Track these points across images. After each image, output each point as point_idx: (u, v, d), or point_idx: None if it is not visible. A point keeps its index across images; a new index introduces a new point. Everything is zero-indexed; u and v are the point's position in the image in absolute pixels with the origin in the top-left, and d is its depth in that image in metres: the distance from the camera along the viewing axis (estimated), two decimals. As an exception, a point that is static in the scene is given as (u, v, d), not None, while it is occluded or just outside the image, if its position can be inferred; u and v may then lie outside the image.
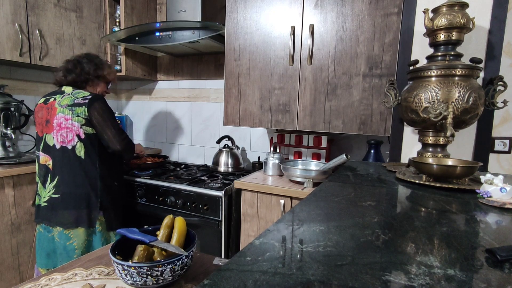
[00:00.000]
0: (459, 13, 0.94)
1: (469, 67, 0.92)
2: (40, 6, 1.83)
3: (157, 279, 0.61)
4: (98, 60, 1.51)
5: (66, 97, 1.38)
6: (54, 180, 1.37)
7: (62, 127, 1.34)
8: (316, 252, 0.45)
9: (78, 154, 1.36)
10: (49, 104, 1.39)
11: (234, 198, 1.68)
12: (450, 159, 0.96)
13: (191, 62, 2.39)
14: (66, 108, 1.35)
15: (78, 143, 1.35)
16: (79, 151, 1.36)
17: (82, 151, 1.36)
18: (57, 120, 1.35)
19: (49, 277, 0.69)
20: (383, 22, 1.37)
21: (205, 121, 2.39)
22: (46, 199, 1.37)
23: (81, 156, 1.36)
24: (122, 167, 1.63)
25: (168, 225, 0.76)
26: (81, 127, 1.35)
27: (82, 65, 1.45)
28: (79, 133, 1.35)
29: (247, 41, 1.68)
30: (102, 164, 1.41)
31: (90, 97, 1.38)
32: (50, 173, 1.37)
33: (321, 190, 0.80)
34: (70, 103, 1.36)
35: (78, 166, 1.36)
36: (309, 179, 1.50)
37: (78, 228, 1.35)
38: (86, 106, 1.35)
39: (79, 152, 1.36)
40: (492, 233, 0.55)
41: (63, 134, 1.35)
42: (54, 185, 1.36)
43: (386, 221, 0.60)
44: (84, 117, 1.35)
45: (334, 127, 1.52)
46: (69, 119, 1.34)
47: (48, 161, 1.38)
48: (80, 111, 1.34)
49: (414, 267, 0.40)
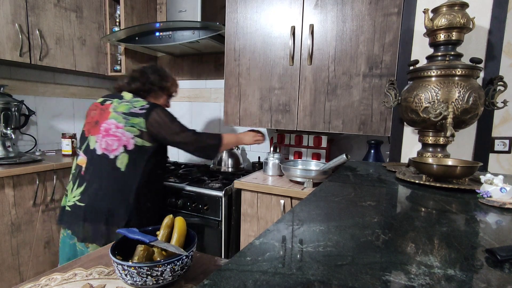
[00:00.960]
0: (459, 13, 0.94)
1: (469, 67, 0.92)
2: (40, 6, 1.83)
3: (157, 279, 0.61)
4: (162, 72, 1.47)
5: (124, 104, 1.29)
6: (81, 186, 1.25)
7: (109, 133, 1.24)
8: (316, 252, 0.45)
9: (118, 165, 1.23)
10: (105, 106, 1.31)
11: (234, 198, 1.68)
12: (450, 159, 0.96)
13: (191, 62, 2.39)
14: (121, 116, 1.25)
15: (122, 154, 1.24)
16: (121, 162, 1.23)
17: (124, 162, 1.24)
18: (107, 125, 1.25)
19: (49, 277, 0.69)
20: (383, 22, 1.37)
21: (205, 121, 2.39)
22: (71, 204, 1.25)
23: (120, 168, 1.23)
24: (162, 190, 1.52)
25: (168, 225, 0.76)
26: (132, 138, 1.24)
27: (147, 74, 1.41)
28: (127, 144, 1.24)
29: (247, 41, 1.68)
30: (142, 180, 1.28)
31: (147, 106, 1.28)
32: (80, 178, 1.27)
33: (321, 190, 0.80)
34: (126, 111, 1.26)
35: (114, 178, 1.24)
36: (309, 179, 1.50)
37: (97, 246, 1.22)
38: (144, 118, 1.25)
39: (120, 164, 1.23)
40: (492, 233, 0.55)
41: (109, 141, 1.24)
42: (81, 192, 1.24)
43: (386, 221, 0.60)
44: (139, 129, 1.25)
45: (334, 127, 1.52)
46: (121, 128, 1.23)
47: (83, 163, 1.27)
48: (136, 122, 1.24)
49: (414, 267, 0.40)
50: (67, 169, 1.84)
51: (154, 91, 1.42)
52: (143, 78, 1.39)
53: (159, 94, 1.45)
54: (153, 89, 1.42)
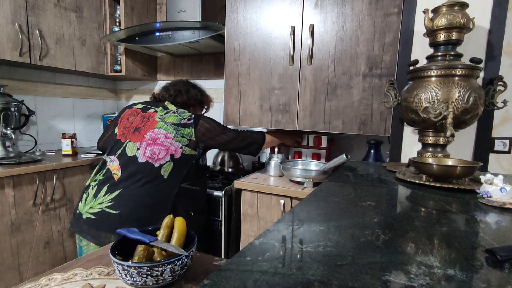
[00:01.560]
0: (459, 13, 0.94)
1: (469, 67, 0.92)
2: (40, 6, 1.83)
3: (157, 279, 0.61)
4: (200, 88, 1.60)
5: (172, 115, 1.31)
6: (114, 193, 1.19)
7: (157, 143, 1.24)
8: (316, 252, 0.45)
9: (162, 173, 1.24)
10: (148, 114, 1.31)
11: (234, 198, 1.68)
12: (450, 159, 0.96)
13: (191, 62, 2.39)
14: (171, 126, 1.26)
15: (167, 163, 1.24)
16: (165, 170, 1.24)
17: (168, 170, 1.25)
18: (154, 134, 1.25)
19: (49, 277, 0.69)
20: (383, 22, 1.37)
21: (205, 121, 2.39)
22: (95, 211, 1.16)
23: (164, 175, 1.24)
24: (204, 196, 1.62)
25: (168, 225, 0.76)
26: (181, 147, 1.27)
27: (190, 90, 1.52)
28: (175, 153, 1.25)
29: (247, 41, 1.68)
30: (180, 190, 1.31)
31: (194, 117, 1.33)
32: (111, 184, 1.20)
33: (321, 190, 0.80)
34: (177, 122, 1.28)
35: (155, 186, 1.22)
36: (309, 179, 1.50)
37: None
38: (192, 127, 1.29)
39: (164, 172, 1.24)
40: (492, 233, 0.55)
41: (155, 150, 1.23)
42: (113, 198, 1.18)
43: (386, 221, 0.60)
44: (189, 138, 1.28)
45: (334, 127, 1.52)
46: (170, 138, 1.25)
47: (116, 171, 1.23)
48: (186, 132, 1.28)
49: (414, 267, 0.40)
50: (67, 169, 1.84)
51: (194, 105, 1.54)
52: (188, 93, 1.51)
53: (197, 108, 1.58)
54: (195, 104, 1.54)
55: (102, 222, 1.15)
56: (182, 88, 1.50)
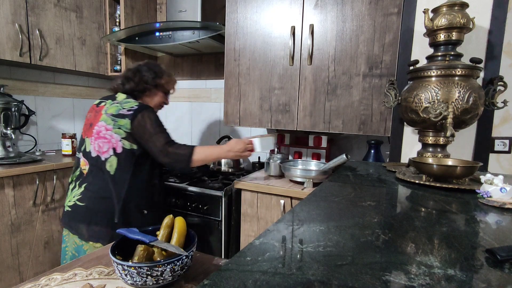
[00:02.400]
0: (459, 13, 0.94)
1: (469, 67, 0.92)
2: (40, 6, 1.83)
3: (157, 279, 0.61)
4: (158, 69, 1.42)
5: (114, 105, 1.28)
6: (81, 187, 1.25)
7: (100, 136, 1.24)
8: (316, 252, 0.45)
9: (108, 168, 1.23)
10: (100, 108, 1.31)
11: (234, 198, 1.68)
12: (450, 159, 0.96)
13: (191, 62, 2.39)
14: (109, 118, 1.25)
15: (111, 157, 1.23)
16: (110, 165, 1.23)
17: (114, 166, 1.23)
18: (98, 127, 1.25)
19: (49, 277, 0.69)
20: (383, 22, 1.37)
21: (205, 121, 2.39)
22: (71, 204, 1.26)
23: (110, 171, 1.23)
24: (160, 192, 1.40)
25: (168, 225, 0.76)
26: (120, 140, 1.23)
27: (141, 73, 1.37)
28: (116, 147, 1.23)
29: (247, 41, 1.68)
30: (131, 187, 1.25)
31: (136, 108, 1.25)
32: (82, 178, 1.27)
33: (321, 190, 0.80)
34: (115, 112, 1.25)
35: (106, 181, 1.23)
36: (309, 179, 1.50)
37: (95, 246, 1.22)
38: (130, 119, 1.23)
39: (110, 167, 1.23)
40: (492, 233, 0.55)
41: (99, 143, 1.24)
42: (81, 192, 1.25)
43: (386, 221, 0.60)
44: (126, 130, 1.22)
45: (334, 127, 1.52)
46: (110, 130, 1.23)
47: (85, 166, 1.27)
48: (122, 123, 1.23)
49: (414, 267, 0.40)
50: (67, 169, 1.84)
51: (148, 89, 1.38)
52: (137, 78, 1.36)
53: (154, 92, 1.41)
54: (148, 88, 1.37)
55: (75, 214, 1.24)
56: (131, 73, 1.36)
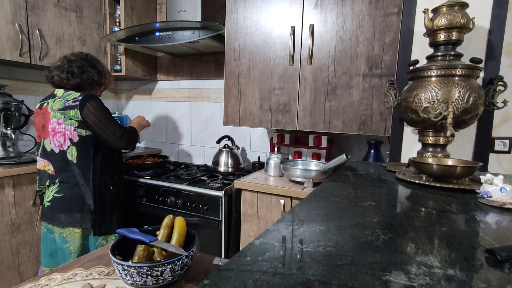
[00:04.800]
0: (459, 13, 0.94)
1: (469, 67, 0.92)
2: (40, 6, 1.83)
3: (157, 279, 0.61)
4: (100, 67, 1.51)
5: (57, 101, 1.37)
6: (55, 183, 1.38)
7: (56, 131, 1.35)
8: (316, 252, 0.45)
9: (70, 158, 1.35)
10: (44, 109, 1.39)
11: (234, 198, 1.68)
12: (450, 159, 0.96)
13: (191, 62, 2.39)
14: (58, 113, 1.34)
15: (70, 147, 1.34)
16: (71, 155, 1.35)
17: (75, 155, 1.35)
18: (51, 125, 1.35)
19: (49, 277, 0.69)
20: (383, 22, 1.37)
21: (205, 121, 2.39)
22: (50, 199, 1.38)
23: (73, 160, 1.35)
24: (121, 170, 1.57)
25: (168, 225, 0.76)
26: (74, 130, 1.34)
27: (86, 70, 1.44)
28: (72, 137, 1.34)
29: (247, 41, 1.68)
30: (95, 168, 1.39)
31: (80, 98, 1.35)
32: (52, 178, 1.38)
33: (321, 190, 0.80)
34: (61, 106, 1.34)
35: (72, 170, 1.36)
36: (309, 179, 1.50)
37: (74, 231, 1.36)
38: (78, 108, 1.33)
39: (71, 156, 1.35)
40: (492, 233, 0.55)
41: (58, 139, 1.35)
42: (57, 186, 1.38)
43: (386, 221, 0.60)
44: (77, 120, 1.33)
45: (334, 127, 1.52)
46: (62, 123, 1.33)
47: (47, 166, 1.39)
48: (72, 114, 1.33)
49: (414, 267, 0.40)
50: (67, 169, 1.84)
51: (91, 85, 1.49)
52: (84, 76, 1.43)
53: (95, 88, 1.53)
54: (91, 85, 1.48)
55: (56, 206, 1.36)
56: (76, 69, 1.42)
